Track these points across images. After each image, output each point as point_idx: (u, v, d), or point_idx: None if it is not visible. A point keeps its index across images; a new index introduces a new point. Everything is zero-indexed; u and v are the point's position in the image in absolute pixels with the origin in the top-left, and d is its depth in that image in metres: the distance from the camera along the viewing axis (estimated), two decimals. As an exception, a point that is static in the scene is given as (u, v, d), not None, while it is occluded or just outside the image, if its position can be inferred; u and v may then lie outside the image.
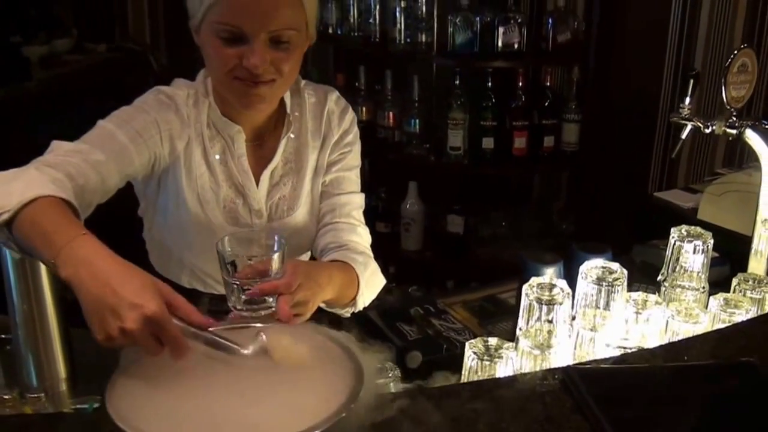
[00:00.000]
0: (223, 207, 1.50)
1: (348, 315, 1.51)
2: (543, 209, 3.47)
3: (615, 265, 1.42)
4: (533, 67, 3.13)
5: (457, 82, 3.00)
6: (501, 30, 2.90)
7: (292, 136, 1.53)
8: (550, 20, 2.96)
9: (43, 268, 1.27)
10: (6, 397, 1.21)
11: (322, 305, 1.40)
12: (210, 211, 1.48)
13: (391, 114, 3.09)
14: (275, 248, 1.23)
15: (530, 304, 1.30)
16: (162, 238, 1.55)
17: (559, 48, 2.96)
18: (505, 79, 3.05)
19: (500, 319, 1.78)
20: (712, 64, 2.91)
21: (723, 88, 1.61)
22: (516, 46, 2.92)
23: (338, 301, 1.42)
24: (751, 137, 1.64)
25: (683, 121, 1.68)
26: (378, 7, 3.04)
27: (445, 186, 3.35)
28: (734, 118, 1.64)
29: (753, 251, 1.70)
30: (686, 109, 1.68)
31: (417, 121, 3.09)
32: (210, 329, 1.06)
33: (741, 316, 1.44)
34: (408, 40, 3.01)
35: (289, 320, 1.16)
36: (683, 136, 1.69)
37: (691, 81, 1.65)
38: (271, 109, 1.49)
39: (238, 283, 1.20)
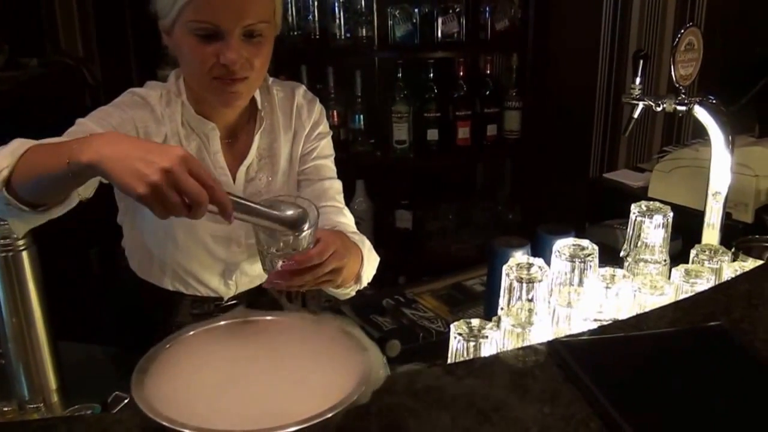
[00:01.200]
0: None
1: (352, 295, 1.53)
2: (488, 199, 3.53)
3: (585, 242, 1.46)
4: (473, 56, 3.17)
5: (400, 74, 3.03)
6: (440, 21, 2.95)
7: (264, 131, 1.54)
8: (487, 9, 3.01)
9: (31, 281, 1.28)
10: (6, 409, 1.21)
11: (331, 290, 1.44)
12: None
13: (335, 112, 3.10)
14: (311, 223, 1.22)
15: (511, 284, 1.33)
16: (143, 241, 1.55)
17: (497, 36, 3.02)
18: (446, 69, 3.09)
19: (469, 306, 1.82)
20: (646, 46, 3.00)
21: (672, 66, 1.67)
22: (456, 36, 2.96)
23: (349, 277, 1.42)
24: (700, 113, 1.70)
25: (634, 101, 1.73)
26: (316, 3, 3.04)
27: (392, 181, 3.38)
28: (683, 96, 1.69)
29: (705, 224, 1.77)
30: (637, 89, 1.72)
31: (361, 117, 3.11)
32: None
33: (702, 285, 1.50)
34: (348, 35, 3.02)
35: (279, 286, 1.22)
36: (635, 116, 1.74)
37: (641, 62, 1.70)
38: (244, 105, 1.50)
39: (273, 251, 1.22)
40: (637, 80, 1.72)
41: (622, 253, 1.65)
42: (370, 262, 1.49)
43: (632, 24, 3.04)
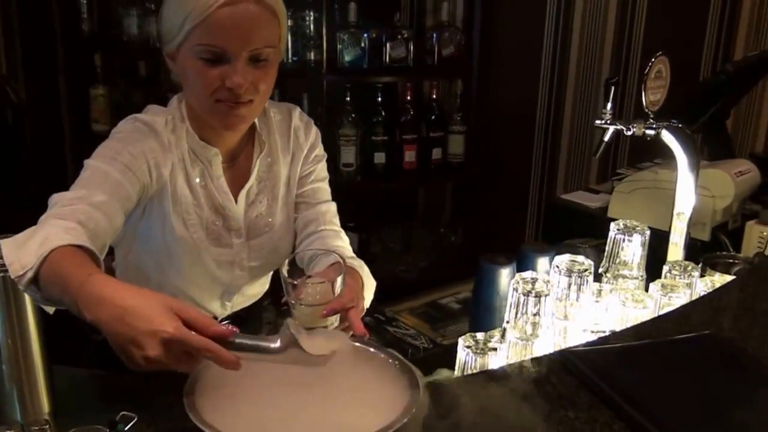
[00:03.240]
0: (206, 228, 1.49)
1: None
2: (430, 222, 3.59)
3: (581, 257, 1.52)
4: (420, 81, 3.24)
5: (348, 98, 3.06)
6: (389, 46, 2.99)
7: (264, 154, 1.54)
8: (434, 35, 3.08)
9: (28, 303, 1.26)
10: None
11: None
12: (195, 233, 1.47)
13: (281, 135, 3.08)
14: (340, 270, 1.26)
15: (518, 298, 1.38)
16: (140, 264, 1.51)
17: (444, 62, 3.10)
18: (393, 93, 3.14)
19: (449, 323, 1.86)
20: (584, 74, 3.14)
21: (642, 92, 1.76)
22: (403, 61, 3.02)
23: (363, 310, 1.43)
24: (667, 137, 1.80)
25: (605, 125, 1.82)
26: (265, 27, 3.04)
27: (338, 204, 3.38)
28: (652, 120, 1.79)
29: (671, 242, 1.87)
30: (608, 114, 1.81)
31: (308, 139, 3.11)
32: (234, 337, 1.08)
33: (679, 298, 1.59)
34: (295, 58, 3.03)
35: (363, 333, 1.22)
36: (606, 139, 1.83)
37: (612, 88, 1.79)
38: (246, 129, 1.49)
39: (303, 305, 1.23)
40: (608, 105, 1.81)
41: (600, 269, 1.72)
42: (369, 288, 1.50)
43: (571, 52, 3.18)
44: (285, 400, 1.02)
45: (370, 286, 1.49)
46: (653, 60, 1.75)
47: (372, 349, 1.21)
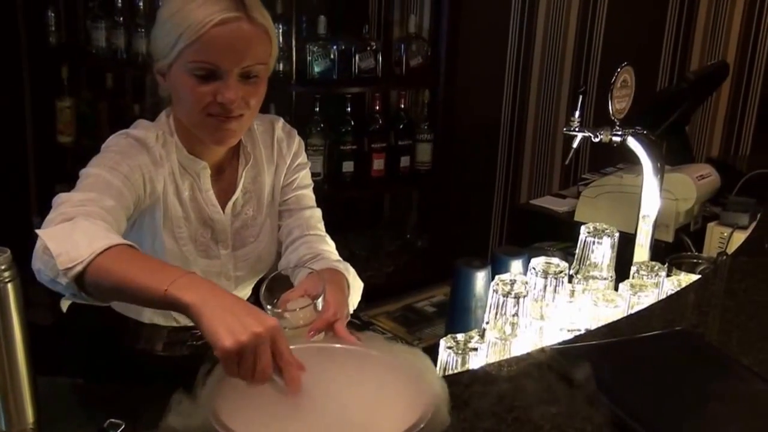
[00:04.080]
0: (195, 241, 1.52)
1: None
2: (396, 228, 3.64)
3: (555, 259, 1.58)
4: (389, 91, 3.30)
5: (317, 108, 3.11)
6: (358, 57, 3.05)
7: (249, 166, 1.57)
8: (402, 46, 3.15)
9: (14, 313, 1.25)
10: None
11: None
12: (184, 246, 1.50)
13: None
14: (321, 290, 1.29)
15: (498, 300, 1.43)
16: None
17: (411, 72, 3.17)
18: (362, 103, 3.20)
19: (425, 326, 1.91)
20: (546, 83, 3.23)
21: (609, 101, 1.83)
22: (372, 71, 3.08)
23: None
24: (632, 143, 1.87)
25: (574, 133, 1.88)
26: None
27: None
28: (618, 128, 1.86)
29: (637, 244, 1.94)
30: (576, 122, 1.88)
31: (276, 149, 3.15)
32: None
33: (648, 297, 1.66)
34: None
35: (354, 343, 1.23)
36: (574, 146, 1.89)
37: (581, 97, 1.86)
38: (235, 143, 1.52)
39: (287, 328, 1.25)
40: (576, 113, 1.87)
41: (571, 271, 1.78)
42: (356, 290, 1.53)
43: (534, 62, 3.27)
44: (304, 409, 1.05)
45: (357, 287, 1.53)
46: (619, 70, 1.82)
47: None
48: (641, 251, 1.94)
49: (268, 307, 1.26)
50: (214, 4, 1.35)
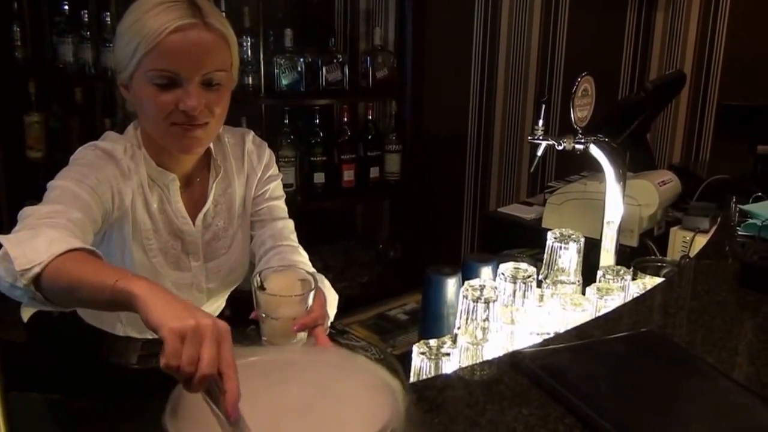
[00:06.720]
0: (165, 253, 1.53)
1: None
2: (369, 238, 3.68)
3: (524, 265, 1.62)
4: (356, 102, 3.34)
5: (286, 120, 3.14)
6: (325, 69, 3.09)
7: (220, 178, 1.59)
8: (368, 59, 3.19)
9: None
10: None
11: None
12: (154, 258, 1.51)
13: (220, 158, 3.13)
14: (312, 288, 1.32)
15: (468, 305, 1.47)
16: None
17: (378, 84, 3.21)
18: (330, 115, 3.24)
19: (398, 333, 1.94)
20: (510, 93, 3.29)
21: (571, 109, 1.88)
22: (339, 84, 3.12)
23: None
24: (595, 150, 1.92)
25: (538, 141, 1.93)
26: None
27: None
28: (581, 135, 1.91)
29: (603, 249, 1.99)
30: (540, 130, 1.92)
31: (247, 162, 3.17)
32: None
33: (614, 300, 1.70)
34: (233, 82, 3.09)
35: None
36: (539, 153, 1.94)
37: (543, 106, 1.91)
38: (202, 152, 1.54)
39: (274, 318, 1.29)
40: (540, 122, 1.92)
41: (540, 276, 1.83)
42: (332, 303, 1.55)
43: (499, 73, 3.32)
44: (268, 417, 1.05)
45: (332, 300, 1.55)
46: (579, 79, 1.87)
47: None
48: (607, 256, 1.99)
49: (257, 284, 1.29)
50: (170, 12, 1.37)
